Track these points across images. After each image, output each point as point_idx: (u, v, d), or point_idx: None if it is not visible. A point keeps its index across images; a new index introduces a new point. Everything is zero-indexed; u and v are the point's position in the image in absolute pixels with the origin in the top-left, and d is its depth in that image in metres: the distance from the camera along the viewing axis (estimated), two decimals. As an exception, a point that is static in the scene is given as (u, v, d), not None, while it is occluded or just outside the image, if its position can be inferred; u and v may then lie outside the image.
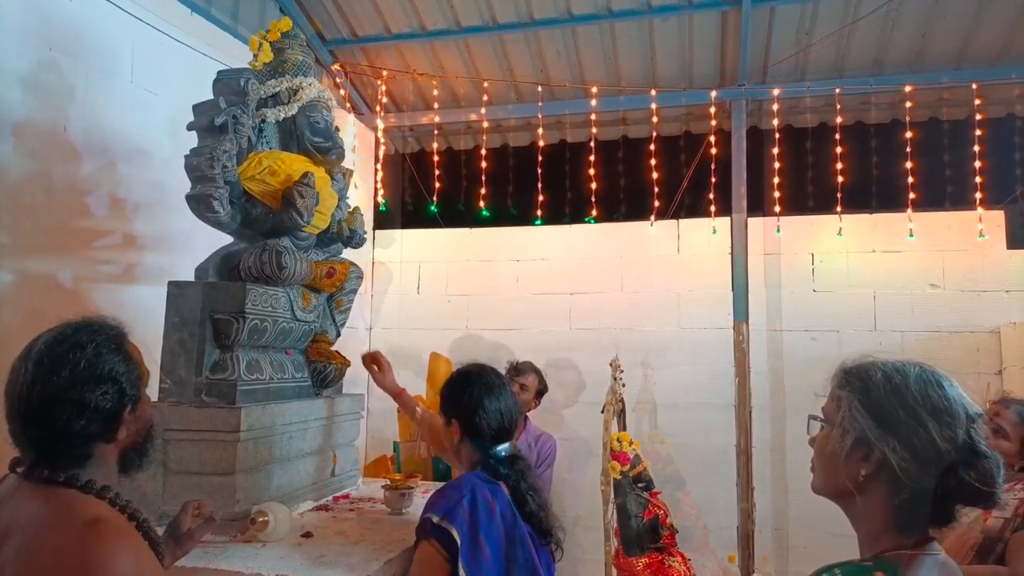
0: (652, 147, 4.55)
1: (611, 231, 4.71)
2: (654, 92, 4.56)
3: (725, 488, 4.25)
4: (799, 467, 2.05)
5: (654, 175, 4.54)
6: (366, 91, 5.11)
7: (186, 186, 2.11)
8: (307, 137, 2.46)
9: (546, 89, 4.78)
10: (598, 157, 4.65)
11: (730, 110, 4.52)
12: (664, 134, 4.96)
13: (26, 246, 2.49)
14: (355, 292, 2.61)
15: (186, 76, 3.14)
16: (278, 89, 2.35)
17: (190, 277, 2.20)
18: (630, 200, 5.03)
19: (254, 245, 2.22)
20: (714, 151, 4.42)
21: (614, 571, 3.50)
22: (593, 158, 4.63)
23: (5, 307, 2.39)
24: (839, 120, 4.33)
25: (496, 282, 4.82)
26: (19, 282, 2.46)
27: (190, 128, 2.18)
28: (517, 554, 1.65)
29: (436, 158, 4.98)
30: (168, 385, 2.03)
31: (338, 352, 2.54)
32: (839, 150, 4.28)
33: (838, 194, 4.27)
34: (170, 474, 1.92)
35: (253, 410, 1.98)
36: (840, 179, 4.28)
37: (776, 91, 4.38)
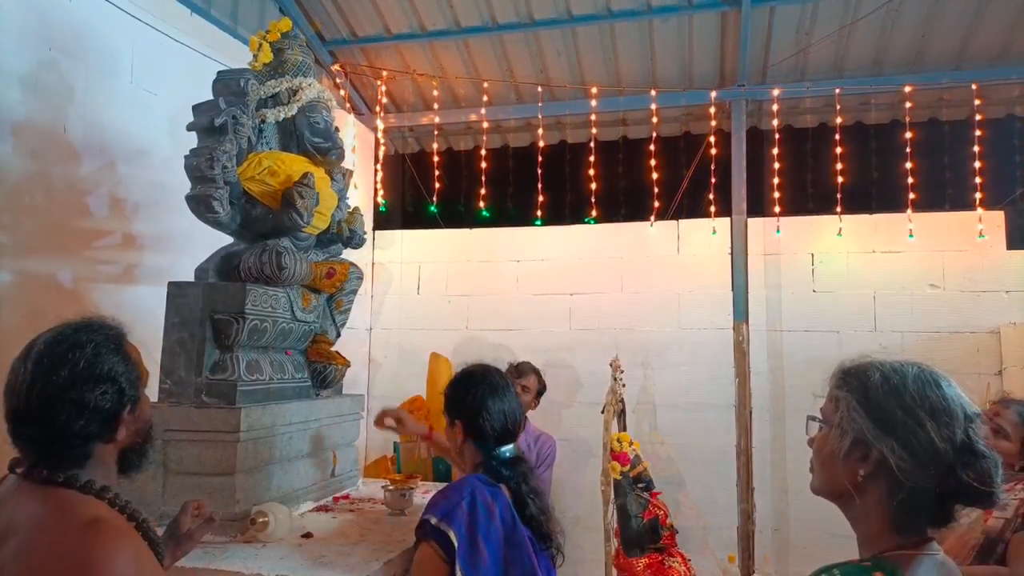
0: (652, 147, 4.55)
1: (611, 231, 4.72)
2: (654, 92, 4.56)
3: (725, 488, 4.25)
4: (799, 467, 2.04)
5: (654, 175, 4.54)
6: (366, 91, 5.11)
7: (186, 186, 2.11)
8: (307, 137, 2.46)
9: (546, 89, 4.78)
10: (598, 158, 4.65)
11: (730, 110, 4.52)
12: (664, 134, 4.96)
13: (26, 246, 2.50)
14: (355, 292, 2.61)
15: (186, 76, 3.14)
16: (278, 89, 2.35)
17: (190, 277, 2.20)
18: (630, 200, 5.03)
19: (254, 245, 2.22)
20: (714, 151, 4.42)
21: (614, 571, 3.51)
22: (593, 158, 4.63)
23: (5, 307, 2.39)
24: (839, 120, 4.33)
25: (496, 282, 4.82)
26: (19, 282, 2.46)
27: (190, 128, 2.18)
28: (516, 557, 1.64)
29: (436, 158, 4.98)
30: (168, 385, 2.03)
31: (338, 353, 2.55)
32: (839, 150, 4.27)
33: (838, 195, 4.27)
34: (170, 474, 1.92)
35: (253, 410, 1.98)
36: (840, 180, 4.28)
37: (776, 91, 4.38)
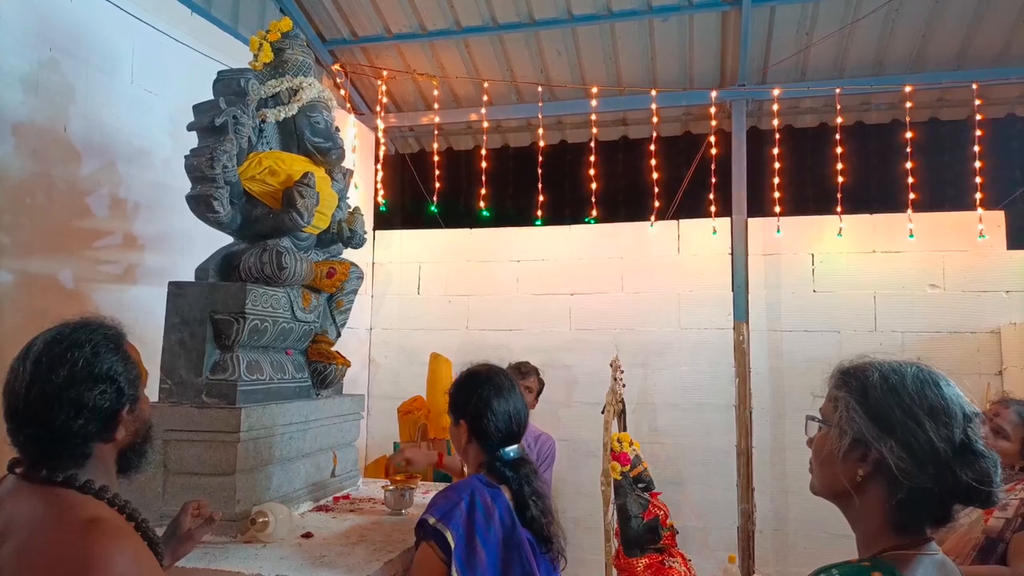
0: (652, 147, 4.55)
1: (611, 231, 4.72)
2: (654, 92, 4.56)
3: (725, 489, 4.25)
4: (799, 468, 2.05)
5: (654, 175, 4.54)
6: (366, 91, 5.11)
7: (186, 186, 2.11)
8: (307, 137, 2.46)
9: (546, 89, 4.78)
10: (598, 157, 4.65)
11: (730, 110, 4.52)
12: (664, 134, 4.97)
13: (26, 246, 2.50)
14: (355, 292, 2.61)
15: (186, 76, 3.14)
16: (278, 89, 2.35)
17: (190, 277, 2.20)
18: (630, 200, 5.03)
19: (254, 245, 2.22)
20: (714, 151, 4.43)
21: (614, 572, 3.50)
22: (593, 158, 4.63)
23: (5, 307, 2.39)
24: (839, 120, 4.33)
25: (496, 283, 4.82)
26: (19, 282, 2.46)
27: (190, 128, 2.18)
28: (514, 558, 1.64)
29: (436, 158, 4.98)
30: (168, 385, 2.03)
31: (338, 352, 2.54)
32: (839, 150, 4.28)
33: (838, 195, 4.27)
34: (170, 474, 1.92)
35: (253, 410, 1.98)
36: (840, 180, 4.28)
37: (776, 91, 4.38)
